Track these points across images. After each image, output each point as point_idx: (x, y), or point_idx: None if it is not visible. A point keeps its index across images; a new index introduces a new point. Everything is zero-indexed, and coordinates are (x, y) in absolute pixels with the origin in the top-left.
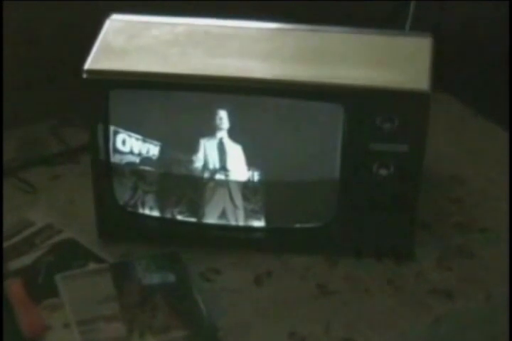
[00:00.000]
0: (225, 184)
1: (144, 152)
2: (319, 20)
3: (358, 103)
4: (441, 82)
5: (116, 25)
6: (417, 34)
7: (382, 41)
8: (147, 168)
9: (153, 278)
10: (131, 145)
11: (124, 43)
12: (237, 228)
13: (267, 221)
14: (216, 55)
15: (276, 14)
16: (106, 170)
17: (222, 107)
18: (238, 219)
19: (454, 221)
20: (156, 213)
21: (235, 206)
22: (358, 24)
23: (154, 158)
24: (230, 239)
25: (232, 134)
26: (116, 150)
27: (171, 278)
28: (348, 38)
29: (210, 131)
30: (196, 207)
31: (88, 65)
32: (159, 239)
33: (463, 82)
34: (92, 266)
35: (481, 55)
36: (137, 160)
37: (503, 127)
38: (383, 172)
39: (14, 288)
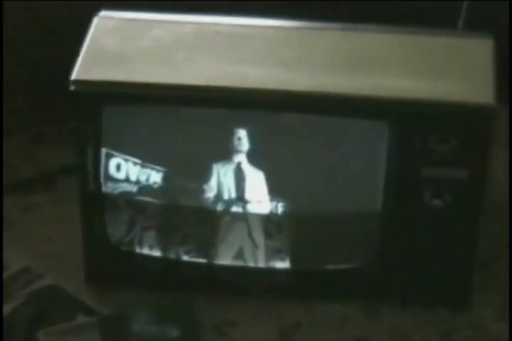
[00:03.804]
0: (243, 218)
1: (142, 179)
2: (356, 17)
3: (406, 120)
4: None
5: (108, 24)
6: (476, 34)
7: (434, 43)
8: (147, 199)
9: (153, 333)
10: (128, 171)
11: (118, 47)
12: (257, 271)
13: (293, 262)
14: (232, 62)
15: (304, 10)
16: (96, 202)
17: (240, 125)
18: (258, 259)
19: None
20: (156, 253)
21: (254, 244)
22: (402, 22)
23: (156, 186)
24: (248, 285)
25: (253, 158)
26: (109, 177)
27: (175, 332)
28: (393, 40)
29: (226, 154)
30: (207, 246)
31: (76, 74)
32: (161, 285)
33: None
34: (81, 318)
35: None
36: (134, 189)
37: None
38: (437, 202)
39: None
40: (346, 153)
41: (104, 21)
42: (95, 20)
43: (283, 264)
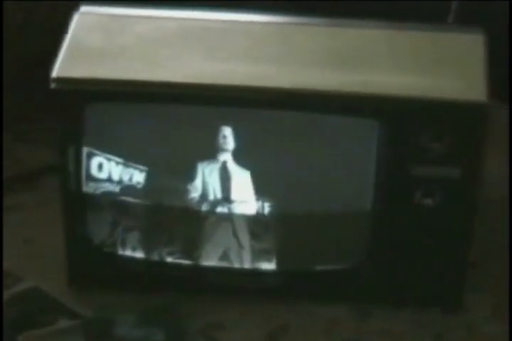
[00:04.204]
0: (228, 218)
1: (125, 179)
2: (344, 13)
3: (397, 117)
4: None
5: (89, 20)
6: (466, 29)
7: (424, 38)
8: (130, 199)
9: (138, 337)
10: (110, 171)
11: (100, 44)
12: (243, 272)
13: (280, 263)
14: (218, 59)
15: (293, 5)
16: (78, 202)
17: (226, 123)
18: (244, 261)
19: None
20: (140, 254)
21: (239, 245)
22: (392, 18)
23: (139, 186)
24: (234, 286)
25: (239, 157)
26: (91, 177)
27: (160, 335)
28: (381, 35)
29: (211, 152)
30: (191, 247)
31: (57, 71)
32: (146, 287)
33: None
34: (64, 322)
35: None
36: (117, 189)
37: None
38: (428, 202)
39: None
40: (336, 151)
41: (85, 17)
42: (76, 16)
43: (270, 265)
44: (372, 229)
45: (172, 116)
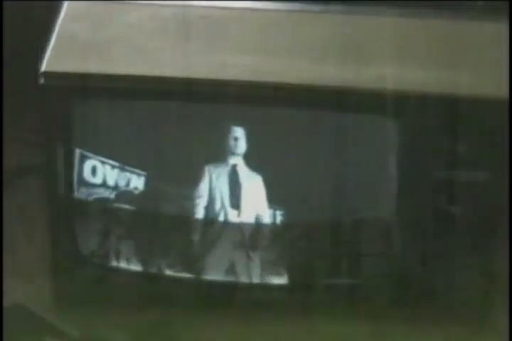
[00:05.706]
0: (236, 227)
1: (122, 184)
2: None
3: (417, 116)
4: None
5: (79, 9)
6: (490, 17)
7: (444, 28)
8: (124, 206)
9: None
10: (105, 175)
11: (92, 34)
12: (250, 287)
13: (291, 276)
14: (219, 50)
15: None
16: (66, 210)
17: (237, 123)
18: (252, 274)
19: None
20: (135, 266)
21: (248, 257)
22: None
23: (137, 192)
24: (240, 302)
25: (250, 160)
26: (83, 182)
27: None
28: (397, 24)
29: (220, 155)
30: (193, 259)
31: (46, 65)
32: (139, 303)
33: None
34: None
35: None
36: (112, 195)
37: None
38: (455, 209)
39: None
40: (353, 153)
41: (75, 5)
42: (65, 4)
43: (280, 279)
44: (392, 239)
45: (174, 114)
